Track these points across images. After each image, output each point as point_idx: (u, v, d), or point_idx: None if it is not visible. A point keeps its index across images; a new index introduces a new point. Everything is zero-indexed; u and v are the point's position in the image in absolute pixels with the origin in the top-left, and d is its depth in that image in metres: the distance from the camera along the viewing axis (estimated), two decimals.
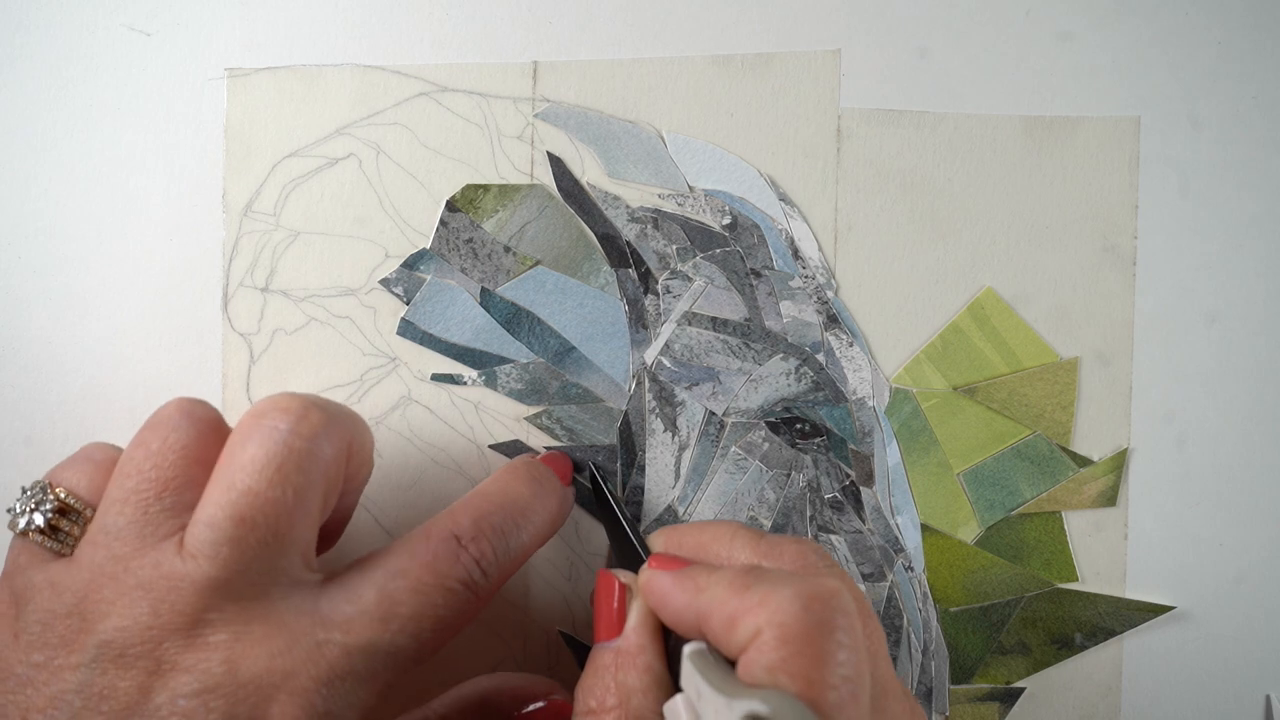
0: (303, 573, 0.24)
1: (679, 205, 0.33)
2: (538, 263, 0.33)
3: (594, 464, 0.33)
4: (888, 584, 0.33)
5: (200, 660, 0.22)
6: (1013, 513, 0.34)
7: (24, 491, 0.25)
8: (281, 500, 0.23)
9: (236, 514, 0.23)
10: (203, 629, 0.22)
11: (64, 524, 0.25)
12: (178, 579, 0.23)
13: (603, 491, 0.31)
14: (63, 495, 0.25)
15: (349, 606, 0.24)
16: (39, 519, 0.24)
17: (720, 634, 0.23)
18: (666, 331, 0.33)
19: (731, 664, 0.23)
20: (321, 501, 0.25)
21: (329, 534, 0.28)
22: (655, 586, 0.26)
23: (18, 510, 0.25)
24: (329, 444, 0.25)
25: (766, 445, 0.33)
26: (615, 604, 0.27)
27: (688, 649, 0.24)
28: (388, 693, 0.25)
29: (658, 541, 0.29)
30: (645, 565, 0.27)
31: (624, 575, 0.28)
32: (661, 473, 0.33)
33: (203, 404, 0.26)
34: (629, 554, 0.29)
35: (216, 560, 0.23)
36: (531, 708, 0.29)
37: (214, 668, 0.22)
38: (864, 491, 0.34)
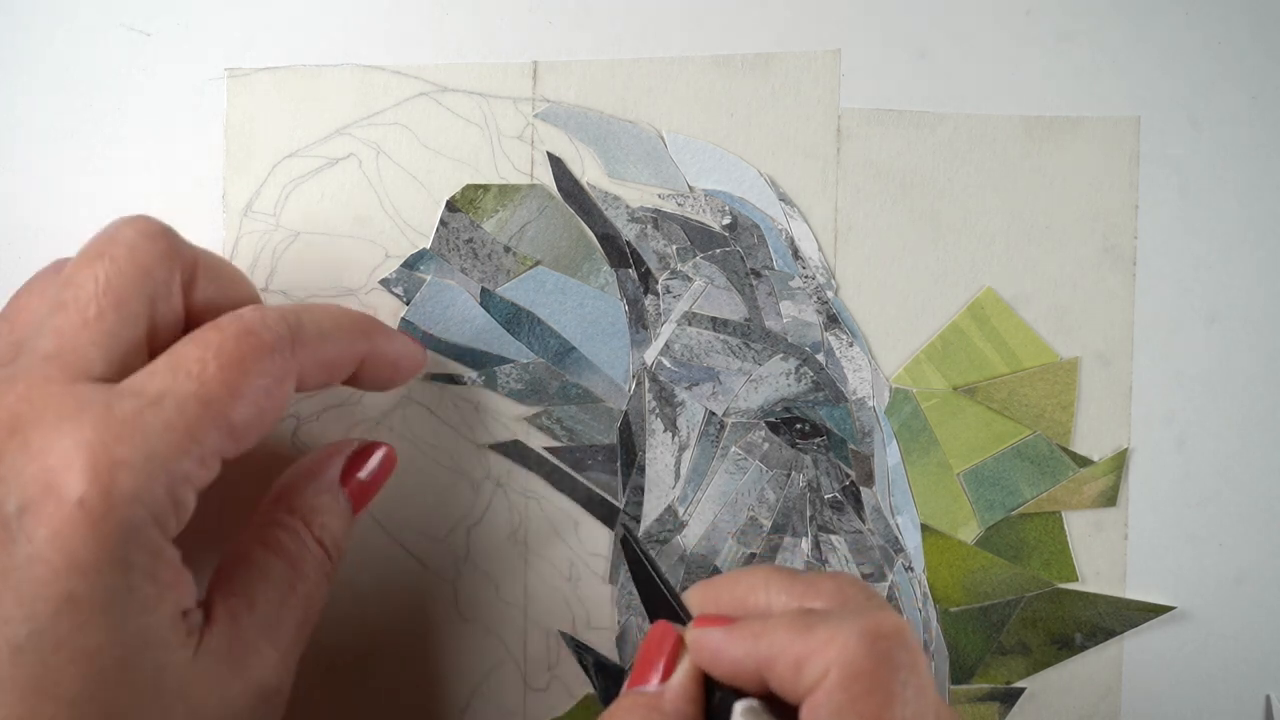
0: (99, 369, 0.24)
1: (679, 205, 0.33)
2: (538, 263, 0.33)
3: (625, 526, 0.33)
4: (888, 584, 0.33)
5: (7, 451, 0.22)
6: (1013, 513, 0.34)
7: None
8: (93, 284, 0.23)
9: (56, 301, 0.23)
10: (6, 416, 0.22)
11: None
12: (4, 378, 0.23)
13: (635, 553, 0.30)
14: None
15: (142, 377, 0.23)
16: None
17: (786, 677, 0.23)
18: (666, 331, 0.33)
19: (787, 716, 0.23)
20: (145, 308, 0.24)
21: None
22: (707, 643, 0.25)
23: None
24: (149, 254, 0.24)
25: (766, 445, 0.33)
26: (668, 652, 0.26)
27: (740, 705, 0.24)
28: (211, 461, 0.23)
29: (692, 599, 0.28)
30: (691, 624, 0.26)
31: (679, 629, 0.27)
32: (661, 473, 0.33)
33: (69, 259, 0.26)
34: (666, 615, 0.28)
35: (41, 349, 0.23)
36: (369, 466, 0.29)
37: (12, 447, 0.22)
38: (864, 491, 0.34)
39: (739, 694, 0.25)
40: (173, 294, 0.25)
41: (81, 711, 0.21)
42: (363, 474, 0.29)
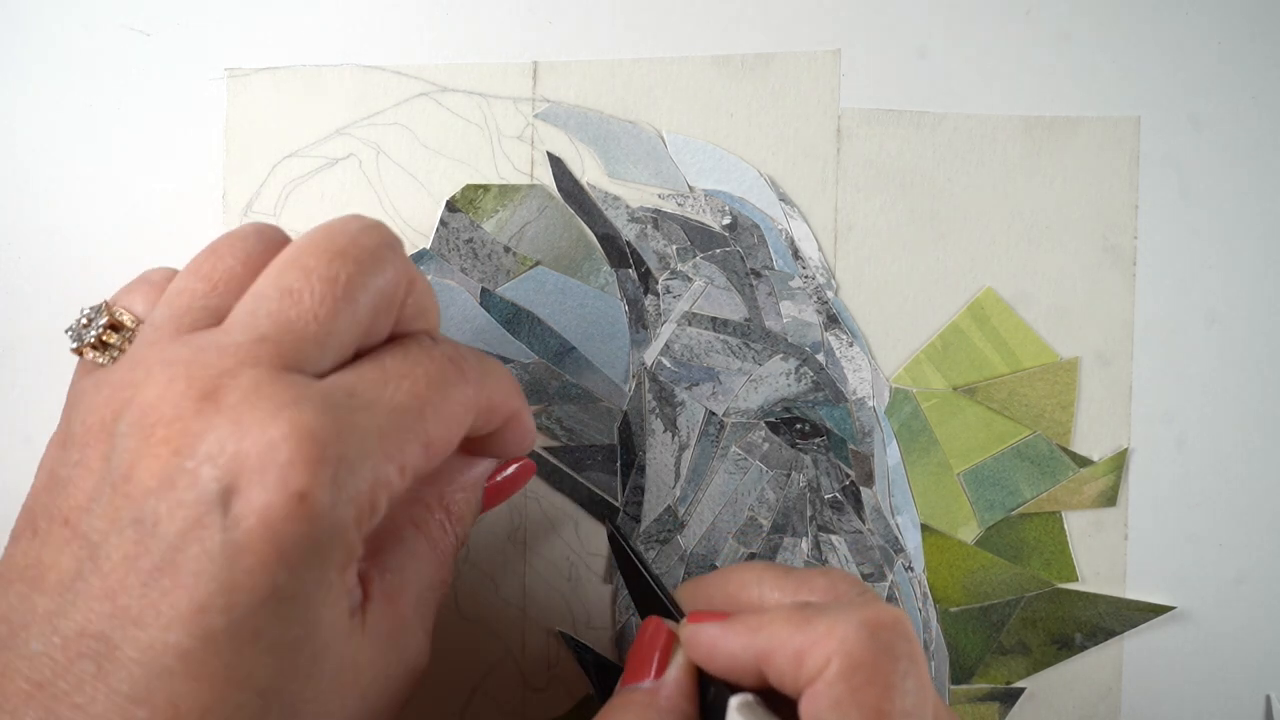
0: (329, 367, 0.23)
1: (679, 205, 0.33)
2: (538, 263, 0.33)
3: (612, 523, 0.33)
4: (888, 584, 0.33)
5: (208, 426, 0.21)
6: (1013, 513, 0.34)
7: (81, 311, 0.25)
8: (331, 283, 0.22)
9: (284, 285, 0.22)
10: (217, 396, 0.21)
11: (114, 338, 0.24)
12: (204, 351, 0.22)
13: (625, 551, 0.30)
14: (117, 313, 0.25)
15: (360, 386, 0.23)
16: (91, 334, 0.24)
17: (786, 670, 0.23)
18: (666, 331, 0.33)
19: (782, 710, 0.23)
20: (369, 318, 0.23)
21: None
22: (703, 637, 0.25)
23: (73, 328, 0.25)
24: (388, 266, 0.24)
25: (766, 445, 0.33)
26: (661, 648, 0.26)
27: (735, 700, 0.24)
28: (408, 474, 0.23)
29: (683, 596, 0.28)
30: (685, 620, 0.27)
31: (671, 625, 0.27)
32: (661, 473, 0.33)
33: (272, 227, 0.25)
34: (658, 612, 0.28)
35: (253, 330, 0.22)
36: (508, 472, 0.29)
37: (223, 428, 0.21)
38: (864, 491, 0.34)
39: (733, 689, 0.25)
40: (393, 310, 0.24)
41: (268, 703, 0.21)
42: (500, 477, 0.29)
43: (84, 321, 0.25)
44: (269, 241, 0.25)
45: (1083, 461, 0.34)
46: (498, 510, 0.33)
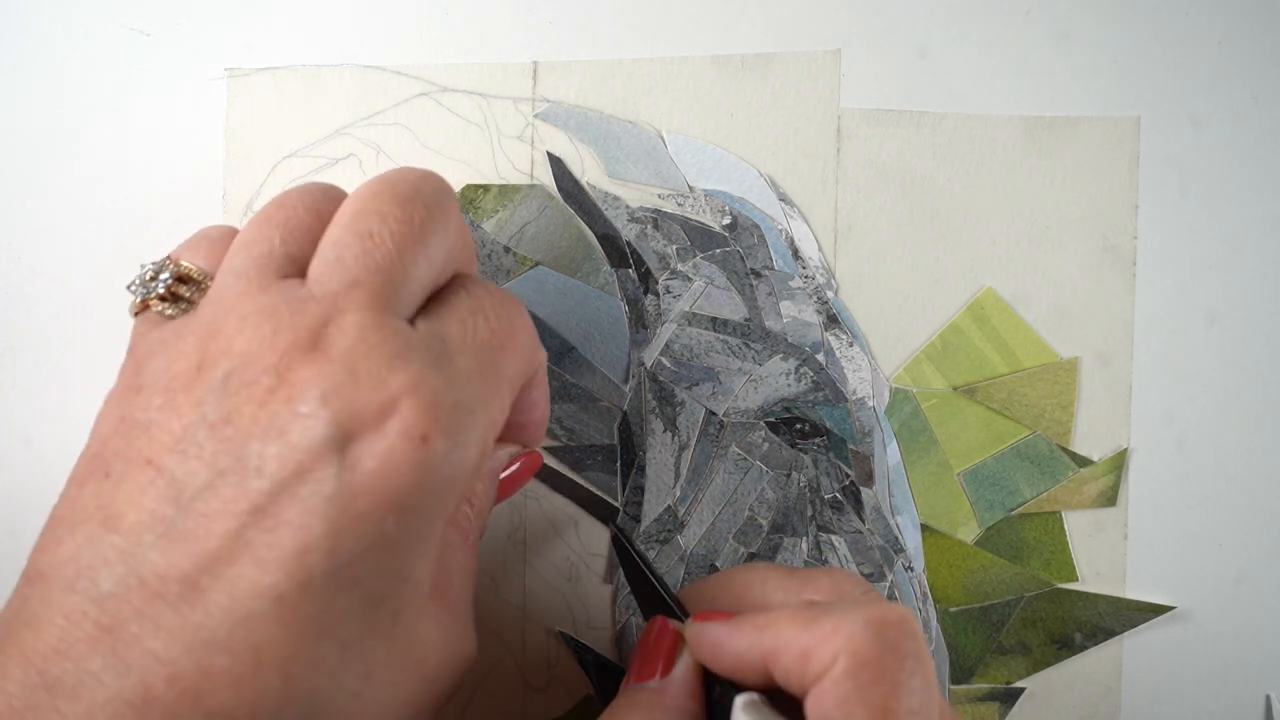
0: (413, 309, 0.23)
1: (679, 205, 0.33)
2: (538, 263, 0.33)
3: (615, 524, 0.33)
4: (888, 584, 0.33)
5: (320, 374, 0.21)
6: (1012, 513, 0.34)
7: (142, 268, 0.25)
8: (408, 224, 0.23)
9: (362, 230, 0.22)
10: (323, 343, 0.21)
11: (184, 290, 0.24)
12: (300, 300, 0.22)
13: (629, 553, 0.30)
14: (184, 265, 0.25)
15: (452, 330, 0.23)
16: (159, 286, 0.24)
17: (792, 669, 0.23)
18: (666, 332, 0.33)
19: (787, 709, 0.23)
20: (442, 260, 0.24)
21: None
22: (709, 637, 0.25)
23: (136, 283, 0.25)
24: (453, 210, 0.24)
25: (766, 445, 0.33)
26: (667, 647, 0.26)
27: (741, 699, 0.24)
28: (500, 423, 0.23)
29: (687, 598, 0.28)
30: (689, 620, 0.26)
31: (676, 624, 0.27)
32: (661, 473, 0.33)
33: (329, 184, 0.25)
34: (662, 612, 0.28)
35: (343, 276, 0.22)
36: (510, 470, 0.28)
37: (336, 375, 0.21)
38: (864, 491, 0.34)
39: (738, 688, 0.25)
40: (455, 253, 0.25)
41: (348, 658, 0.21)
42: (511, 470, 0.28)
43: (148, 276, 0.25)
44: (330, 194, 0.25)
45: (1083, 461, 0.34)
46: (498, 510, 0.33)
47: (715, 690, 0.26)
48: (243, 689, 0.19)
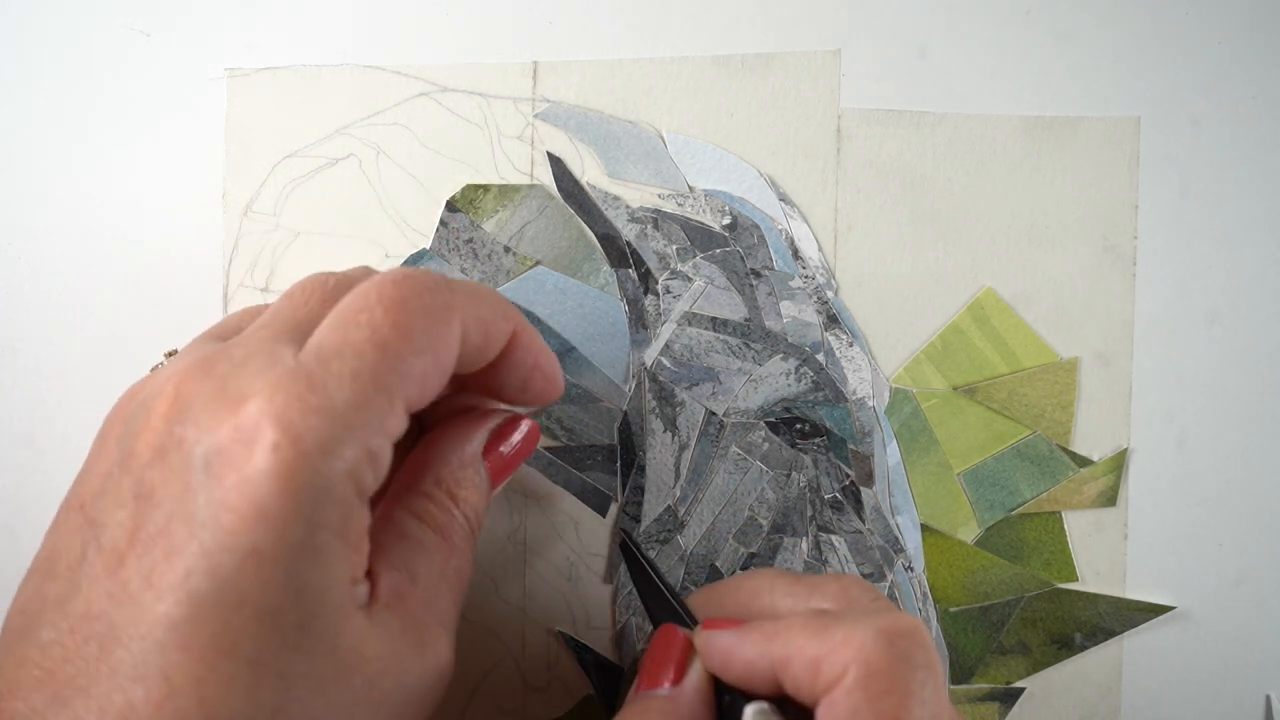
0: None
1: (679, 205, 0.33)
2: (538, 263, 0.33)
3: (624, 530, 0.33)
4: (888, 584, 0.33)
5: (197, 393, 0.21)
6: (1012, 513, 0.34)
7: (166, 355, 0.27)
8: (319, 285, 0.25)
9: (282, 294, 0.24)
10: (211, 368, 0.22)
11: None
12: (221, 346, 0.23)
13: (637, 559, 0.30)
14: None
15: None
16: None
17: (803, 678, 0.23)
18: (666, 332, 0.33)
19: (797, 718, 0.23)
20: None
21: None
22: (718, 645, 0.25)
23: (162, 365, 0.26)
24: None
25: (766, 445, 0.33)
26: (678, 655, 0.26)
27: (751, 708, 0.24)
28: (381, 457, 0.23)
29: (695, 604, 0.28)
30: (699, 628, 0.26)
31: (685, 632, 0.27)
32: (661, 473, 0.33)
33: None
34: (670, 619, 0.28)
35: (256, 326, 0.24)
36: (513, 440, 0.28)
37: (209, 394, 0.21)
38: (864, 491, 0.34)
39: (748, 697, 0.25)
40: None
41: (259, 675, 0.20)
42: (505, 448, 0.28)
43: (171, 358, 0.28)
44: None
45: (1083, 461, 0.34)
46: (498, 510, 0.33)
47: (724, 698, 0.26)
48: (163, 717, 0.20)
